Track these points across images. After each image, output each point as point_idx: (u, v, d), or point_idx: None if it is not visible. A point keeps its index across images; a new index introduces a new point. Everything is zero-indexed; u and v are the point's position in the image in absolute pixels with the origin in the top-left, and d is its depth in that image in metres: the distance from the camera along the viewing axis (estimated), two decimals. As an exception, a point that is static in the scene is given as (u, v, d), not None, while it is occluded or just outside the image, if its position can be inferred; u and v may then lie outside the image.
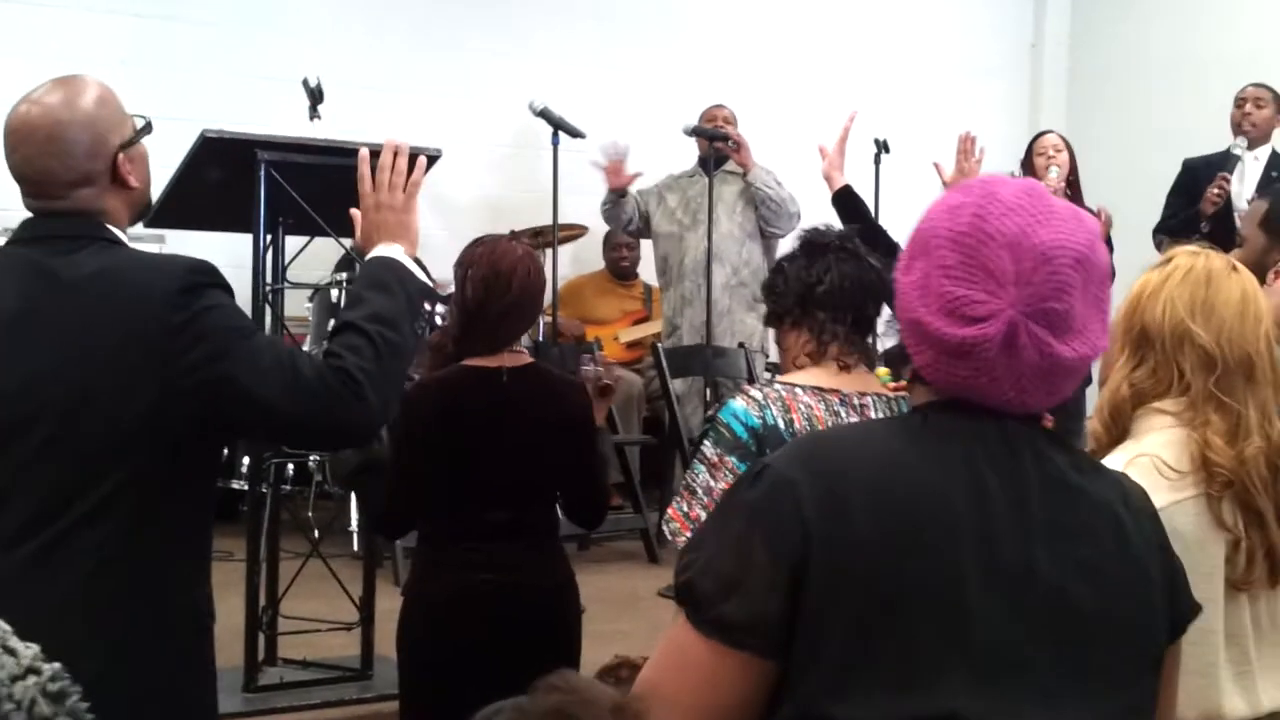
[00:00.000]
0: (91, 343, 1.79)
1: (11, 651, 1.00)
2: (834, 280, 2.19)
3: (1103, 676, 1.27)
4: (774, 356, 5.36)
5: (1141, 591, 1.31)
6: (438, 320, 4.72)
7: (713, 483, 2.07)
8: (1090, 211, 5.33)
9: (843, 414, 2.09)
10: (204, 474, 1.95)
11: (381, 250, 2.01)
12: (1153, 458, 1.80)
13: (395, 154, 2.06)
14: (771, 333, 2.46)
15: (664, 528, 2.17)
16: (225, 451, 1.98)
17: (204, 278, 1.85)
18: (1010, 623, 1.23)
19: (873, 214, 3.14)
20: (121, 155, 1.90)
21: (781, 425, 2.05)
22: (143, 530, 1.80)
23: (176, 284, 1.81)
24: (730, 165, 5.65)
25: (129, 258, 1.89)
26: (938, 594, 1.21)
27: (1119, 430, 1.88)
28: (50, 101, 1.88)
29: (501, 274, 2.67)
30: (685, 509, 2.10)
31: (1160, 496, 1.78)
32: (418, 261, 2.01)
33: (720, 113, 5.75)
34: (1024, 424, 1.30)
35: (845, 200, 3.23)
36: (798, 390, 2.12)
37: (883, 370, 2.21)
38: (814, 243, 2.27)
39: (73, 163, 1.87)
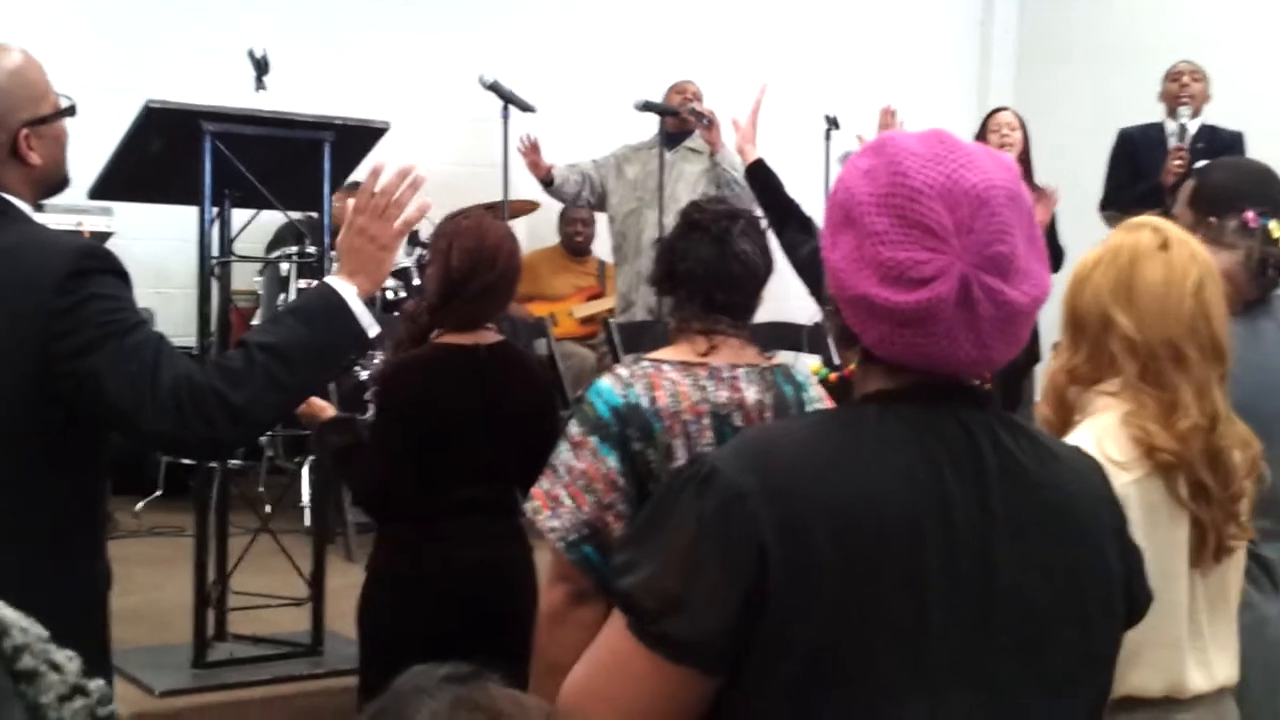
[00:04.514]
0: None
1: (57, 667, 0.90)
2: (691, 262, 2.17)
3: (1064, 677, 1.25)
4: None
5: (1101, 585, 1.28)
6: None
7: (574, 462, 2.04)
8: (1036, 189, 5.38)
9: (709, 387, 2.08)
10: (91, 450, 1.90)
11: (335, 281, 1.93)
12: (1098, 440, 1.78)
13: (404, 182, 1.94)
14: None
15: (526, 506, 2.12)
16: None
17: (95, 262, 1.80)
18: (972, 635, 1.20)
19: (785, 188, 3.10)
20: (26, 131, 1.84)
21: (645, 403, 2.04)
22: (29, 510, 1.77)
23: (66, 267, 1.76)
24: (693, 142, 5.63)
25: (26, 235, 1.84)
26: (900, 616, 1.18)
27: (1066, 413, 1.87)
28: None
29: (487, 249, 2.64)
30: (547, 487, 2.07)
31: (1111, 477, 1.81)
32: (371, 302, 1.92)
33: (689, 87, 5.70)
34: (981, 411, 1.26)
35: (758, 174, 3.16)
36: (664, 367, 2.10)
37: (815, 364, 2.18)
38: (690, 220, 2.23)
39: None
